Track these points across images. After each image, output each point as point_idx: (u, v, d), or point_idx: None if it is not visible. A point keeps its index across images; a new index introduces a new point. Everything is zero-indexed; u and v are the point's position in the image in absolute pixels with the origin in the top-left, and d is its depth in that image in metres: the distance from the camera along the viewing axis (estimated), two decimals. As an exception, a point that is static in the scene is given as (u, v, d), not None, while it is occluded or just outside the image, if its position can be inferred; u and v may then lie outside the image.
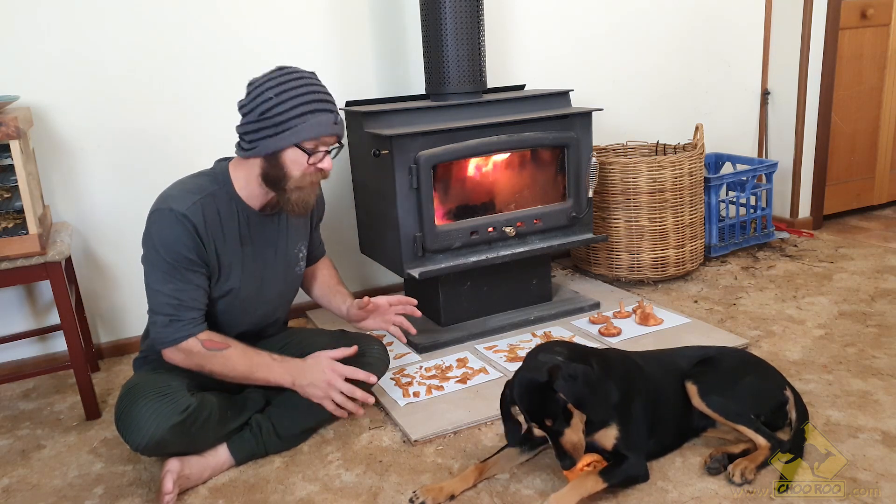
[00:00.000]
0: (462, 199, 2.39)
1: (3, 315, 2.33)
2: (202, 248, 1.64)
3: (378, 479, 1.64)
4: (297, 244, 1.87)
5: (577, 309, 2.53)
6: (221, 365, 1.66)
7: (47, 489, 1.71)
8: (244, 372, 1.68)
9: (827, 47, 3.26)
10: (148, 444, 1.54)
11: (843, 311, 2.45)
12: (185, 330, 1.63)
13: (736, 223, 3.10)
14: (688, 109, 3.33)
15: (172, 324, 1.63)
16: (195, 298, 1.65)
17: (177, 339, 1.63)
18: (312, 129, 1.59)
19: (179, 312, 1.63)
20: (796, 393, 1.72)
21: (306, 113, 1.58)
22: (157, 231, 1.61)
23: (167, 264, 1.61)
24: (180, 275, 1.62)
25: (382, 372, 1.92)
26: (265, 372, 1.69)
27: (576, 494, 1.45)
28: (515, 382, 1.51)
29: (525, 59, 2.93)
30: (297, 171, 1.63)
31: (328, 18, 2.55)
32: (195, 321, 1.65)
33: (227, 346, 1.67)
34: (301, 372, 1.70)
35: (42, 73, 2.20)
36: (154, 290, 1.63)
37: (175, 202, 1.61)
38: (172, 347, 1.64)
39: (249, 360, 1.69)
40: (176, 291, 1.62)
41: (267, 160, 1.63)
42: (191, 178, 1.71)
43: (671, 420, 1.65)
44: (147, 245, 1.63)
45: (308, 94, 1.59)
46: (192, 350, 1.64)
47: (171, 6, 2.32)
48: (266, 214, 1.76)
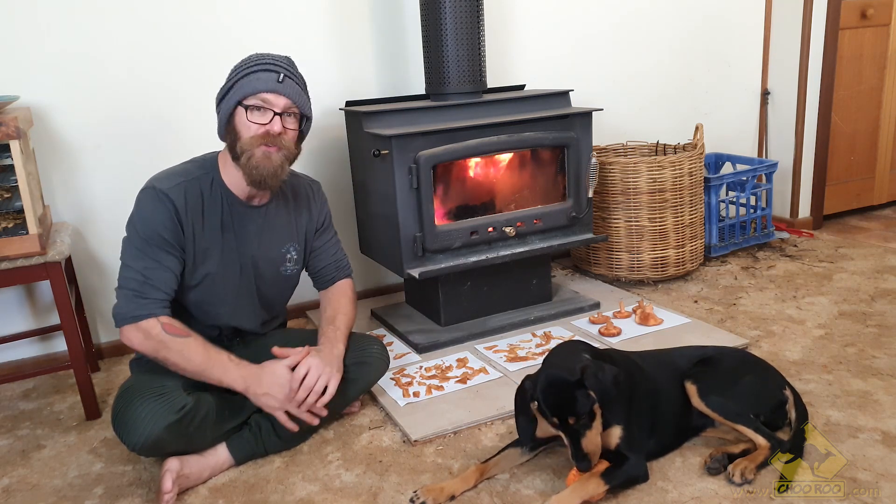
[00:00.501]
0: (462, 199, 2.39)
1: (3, 315, 2.33)
2: (179, 230, 1.65)
3: (378, 479, 1.64)
4: (284, 244, 1.84)
5: (577, 309, 2.53)
6: (178, 353, 1.62)
7: (47, 489, 1.71)
8: (199, 366, 1.63)
9: (827, 47, 3.26)
10: (144, 444, 1.54)
11: (843, 311, 2.45)
12: (147, 308, 1.61)
13: (736, 223, 3.10)
14: (688, 109, 3.33)
15: (136, 299, 1.61)
16: (163, 280, 1.64)
17: (137, 315, 1.61)
18: (250, 84, 1.63)
19: (145, 290, 1.62)
20: (796, 393, 1.72)
21: (248, 74, 1.64)
22: (138, 208, 1.66)
23: (142, 240, 1.63)
24: (153, 252, 1.63)
25: (383, 371, 1.92)
26: (220, 371, 1.64)
27: (577, 497, 1.45)
28: (542, 378, 1.49)
29: (525, 59, 2.93)
30: (246, 133, 1.65)
31: (328, 18, 2.55)
32: (159, 302, 1.63)
33: (187, 335, 1.64)
34: (257, 380, 1.66)
35: (42, 73, 2.20)
36: (125, 266, 1.65)
37: (159, 182, 1.66)
38: (131, 325, 1.61)
39: (207, 355, 1.64)
40: (145, 269, 1.63)
41: (226, 132, 1.69)
42: (180, 164, 1.75)
43: (671, 420, 1.65)
44: (129, 222, 1.67)
45: (252, 60, 1.67)
46: (151, 331, 1.61)
47: (171, 6, 2.32)
48: (252, 206, 1.77)
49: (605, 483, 1.48)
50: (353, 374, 1.82)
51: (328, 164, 2.65)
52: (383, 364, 1.92)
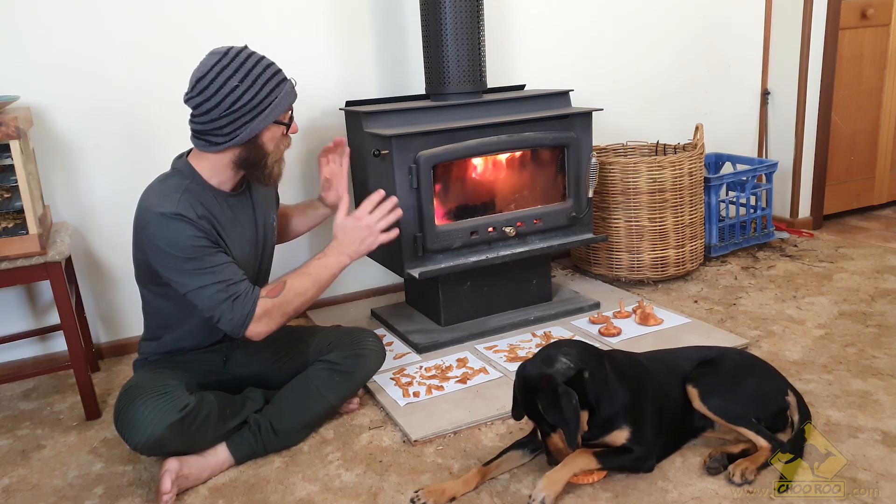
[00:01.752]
0: (462, 199, 2.39)
1: (3, 315, 2.33)
2: (206, 232, 1.63)
3: (378, 479, 1.64)
4: (270, 212, 1.90)
5: (577, 309, 2.53)
6: (296, 296, 1.70)
7: (47, 489, 1.71)
8: (315, 285, 1.74)
9: (827, 47, 3.26)
10: (146, 442, 1.54)
11: (843, 311, 2.45)
12: (249, 300, 1.64)
13: (736, 223, 3.10)
14: (688, 109, 3.33)
15: (235, 304, 1.62)
16: (234, 272, 1.65)
17: (248, 314, 1.64)
18: (285, 100, 1.66)
19: (231, 290, 1.63)
20: (798, 395, 1.71)
21: (275, 88, 1.64)
22: (162, 240, 1.59)
23: (190, 261, 1.60)
24: (206, 262, 1.61)
25: (379, 363, 1.93)
26: (326, 271, 1.76)
27: (567, 471, 1.48)
28: (517, 384, 1.53)
29: (525, 59, 2.93)
30: (273, 146, 1.69)
31: (328, 19, 2.55)
32: (247, 287, 1.66)
33: (284, 283, 1.70)
34: (345, 244, 1.80)
35: (42, 73, 2.20)
36: (198, 290, 1.61)
37: (162, 206, 1.59)
38: (251, 325, 1.64)
39: (309, 275, 1.74)
40: (215, 278, 1.61)
41: (245, 145, 1.67)
42: (159, 184, 1.69)
43: (673, 421, 1.65)
44: (162, 256, 1.60)
45: (267, 70, 1.64)
46: (267, 309, 1.66)
47: (171, 6, 2.32)
48: (237, 194, 1.78)
49: (597, 461, 1.50)
50: (350, 366, 1.83)
51: (328, 164, 2.65)
52: (379, 356, 1.92)
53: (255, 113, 1.62)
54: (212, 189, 1.71)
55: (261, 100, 1.61)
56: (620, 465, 1.54)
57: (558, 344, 1.60)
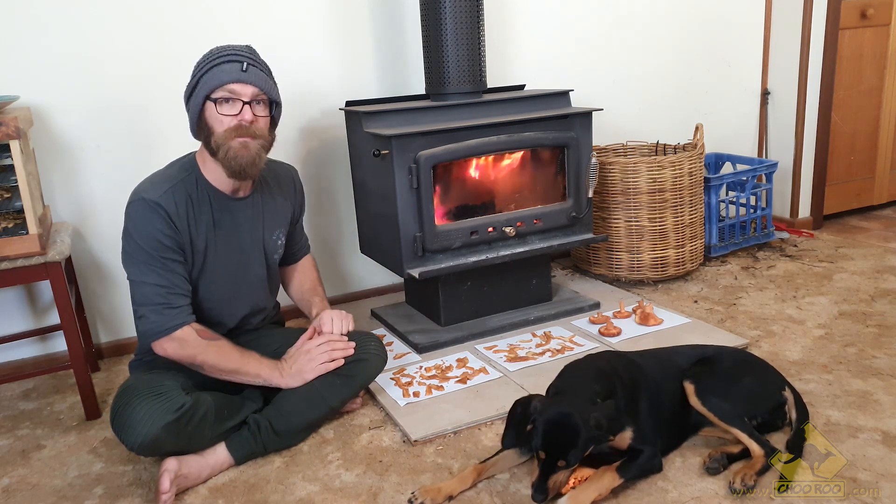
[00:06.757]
0: (462, 199, 2.39)
1: (3, 315, 2.33)
2: (177, 234, 1.66)
3: (378, 479, 1.64)
4: (274, 230, 1.88)
5: (577, 309, 2.53)
6: (215, 355, 1.67)
7: (47, 489, 1.71)
8: (236, 364, 1.70)
9: (827, 47, 3.26)
10: (143, 443, 1.54)
11: (843, 311, 2.45)
12: (179, 318, 1.64)
13: (736, 223, 3.10)
14: (688, 109, 3.33)
15: (165, 312, 1.63)
16: (180, 286, 1.66)
17: (171, 327, 1.64)
18: (216, 77, 1.64)
19: (170, 300, 1.64)
20: (796, 393, 1.72)
21: (212, 67, 1.65)
22: (132, 222, 1.64)
23: (146, 254, 1.63)
24: (161, 263, 1.64)
25: (380, 368, 1.93)
26: (255, 367, 1.73)
27: (593, 492, 1.45)
28: (551, 412, 1.45)
29: (525, 59, 2.93)
30: (219, 127, 1.66)
31: (328, 19, 2.55)
32: (186, 309, 1.67)
33: (219, 338, 1.70)
34: (284, 368, 1.76)
35: (42, 73, 2.20)
36: (138, 283, 1.65)
37: (147, 192, 1.66)
38: (166, 337, 1.64)
39: (240, 354, 1.72)
40: (161, 280, 1.63)
41: (199, 129, 1.69)
42: (160, 171, 1.75)
43: (671, 418, 1.65)
44: (126, 238, 1.66)
45: (214, 53, 1.67)
46: (187, 339, 1.65)
47: (171, 7, 2.32)
48: (238, 199, 1.77)
49: (620, 477, 1.48)
50: (351, 371, 1.82)
51: (328, 164, 2.65)
52: (381, 361, 1.92)
53: (192, 92, 1.67)
54: (209, 186, 1.72)
55: (196, 79, 1.66)
56: (637, 473, 1.52)
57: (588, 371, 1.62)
